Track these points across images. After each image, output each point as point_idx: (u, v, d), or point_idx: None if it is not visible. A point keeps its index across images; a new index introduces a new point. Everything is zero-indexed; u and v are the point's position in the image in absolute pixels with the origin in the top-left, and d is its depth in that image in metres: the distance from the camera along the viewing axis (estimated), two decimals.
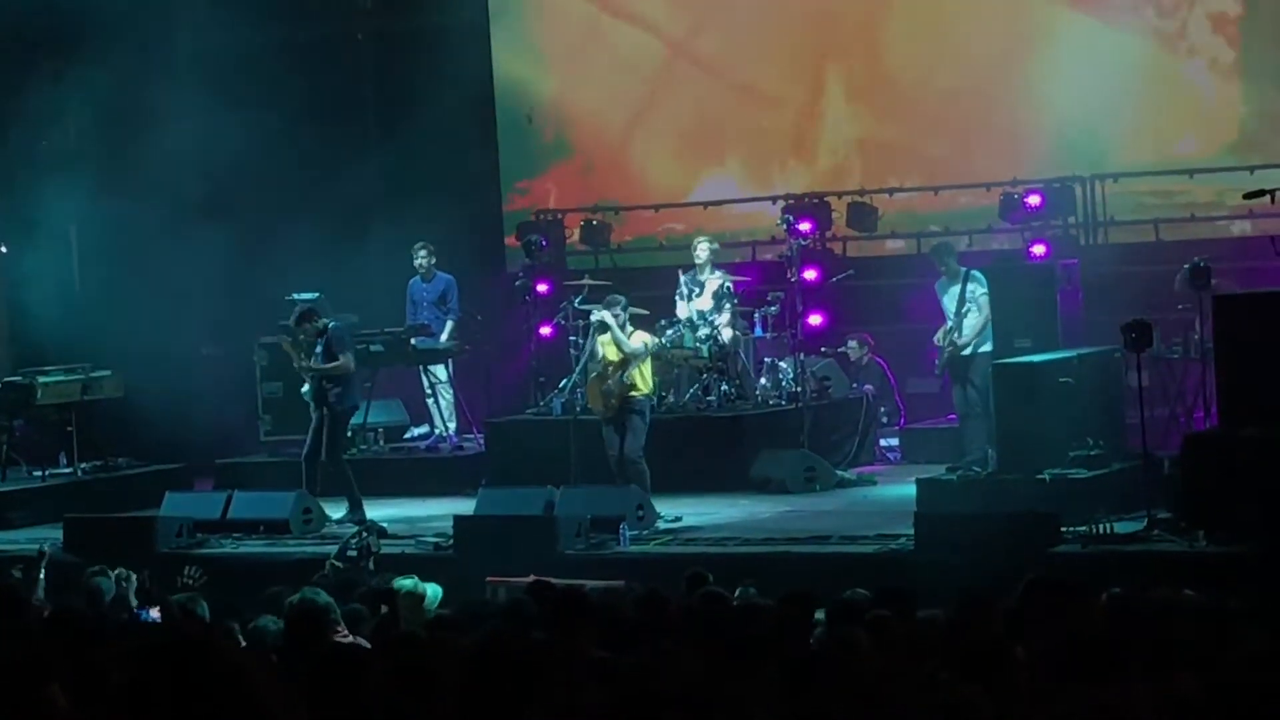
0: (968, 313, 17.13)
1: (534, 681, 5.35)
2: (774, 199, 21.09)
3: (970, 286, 17.17)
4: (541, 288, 20.02)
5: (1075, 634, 6.57)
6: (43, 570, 13.94)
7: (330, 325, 17.18)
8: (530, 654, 5.66)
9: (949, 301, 17.35)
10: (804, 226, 19.18)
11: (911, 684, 6.29)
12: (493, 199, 23.14)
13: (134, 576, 12.60)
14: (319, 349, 17.02)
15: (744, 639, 6.70)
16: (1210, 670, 5.81)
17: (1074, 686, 5.17)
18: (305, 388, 17.33)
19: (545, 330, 19.81)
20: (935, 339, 17.50)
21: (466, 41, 22.60)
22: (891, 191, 21.29)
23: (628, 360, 16.60)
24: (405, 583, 11.97)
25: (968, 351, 17.11)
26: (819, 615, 9.03)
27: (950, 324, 17.26)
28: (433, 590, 12.13)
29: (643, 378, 16.69)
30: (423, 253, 20.05)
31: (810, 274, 18.99)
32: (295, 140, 21.13)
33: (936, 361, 17.53)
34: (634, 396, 16.60)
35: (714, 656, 6.32)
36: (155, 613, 11.60)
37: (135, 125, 19.88)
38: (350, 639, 9.39)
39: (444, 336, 19.95)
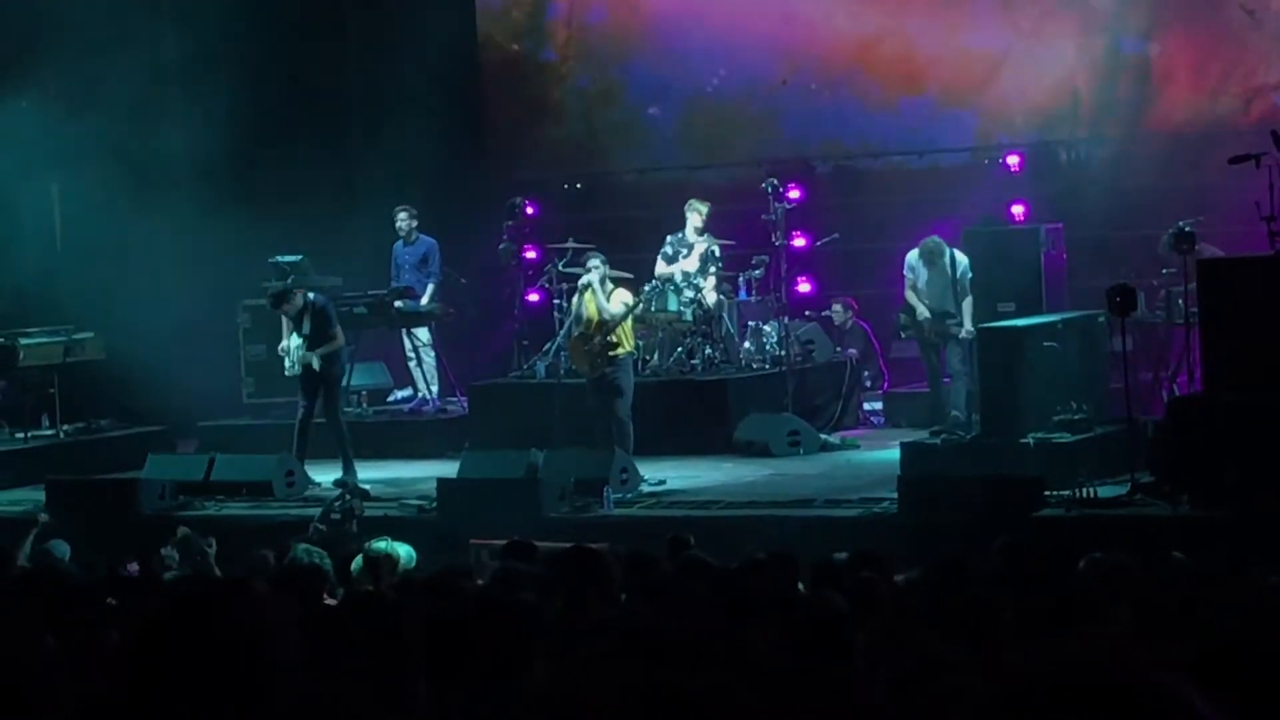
0: (963, 297, 17.08)
1: (529, 644, 5.35)
2: (759, 163, 21.06)
3: (959, 272, 17.11)
4: (527, 255, 20.06)
5: (1058, 594, 6.59)
6: (32, 536, 13.94)
7: (313, 300, 17.17)
8: (525, 616, 5.65)
9: (930, 278, 17.25)
10: (794, 194, 19.05)
11: (892, 643, 6.29)
12: (477, 160, 23.08)
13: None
14: (307, 328, 17.01)
15: (743, 595, 6.71)
16: (1194, 632, 5.81)
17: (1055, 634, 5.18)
18: (290, 366, 17.22)
19: (532, 296, 19.83)
20: (921, 312, 17.38)
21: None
22: (876, 155, 21.25)
23: (608, 321, 16.61)
24: (379, 545, 11.94)
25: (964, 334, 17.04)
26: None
27: (939, 305, 17.16)
28: (406, 552, 12.07)
29: (624, 336, 16.72)
30: (403, 215, 20.02)
31: (798, 241, 18.96)
32: (278, 102, 21.06)
33: (901, 319, 17.46)
34: (616, 356, 16.62)
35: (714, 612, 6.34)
36: (133, 567, 11.57)
37: (116, 85, 19.77)
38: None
39: (425, 299, 19.92)
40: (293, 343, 17.14)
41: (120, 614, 6.92)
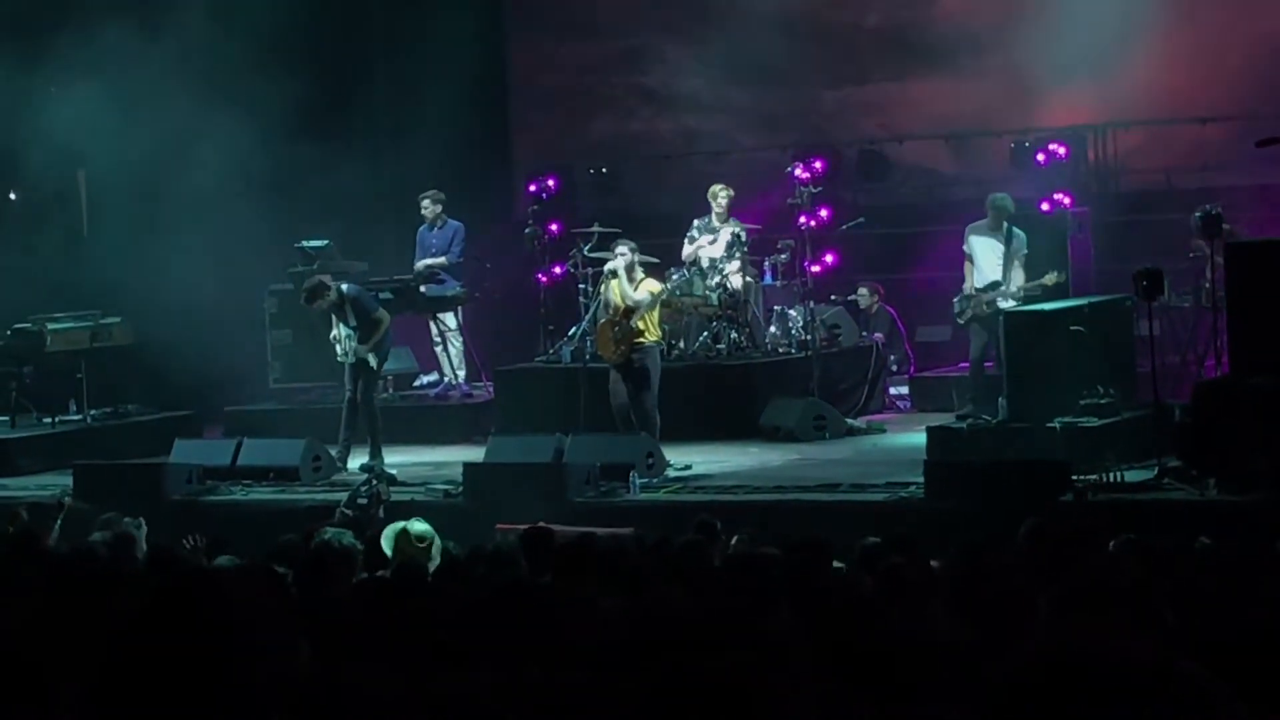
0: (1014, 268, 16.95)
1: (535, 625, 5.36)
2: (784, 147, 21.03)
3: (1015, 244, 16.99)
4: (551, 230, 20.04)
5: (1086, 579, 6.56)
6: (60, 519, 13.96)
7: (346, 291, 17.18)
8: (531, 598, 5.66)
9: (984, 250, 17.10)
10: (816, 166, 18.85)
11: (916, 629, 6.28)
12: (503, 144, 23.08)
13: (143, 523, 12.65)
14: (353, 322, 17.03)
15: (751, 583, 6.71)
16: (1224, 616, 5.80)
17: (1077, 620, 5.17)
18: (342, 354, 17.21)
19: (556, 270, 19.81)
20: (967, 289, 17.17)
21: None
22: (902, 140, 21.21)
23: (632, 308, 16.60)
24: (403, 526, 11.91)
25: (1009, 305, 16.79)
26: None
27: (990, 276, 17.02)
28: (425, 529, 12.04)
29: (650, 324, 16.70)
30: (428, 201, 20.01)
31: (822, 213, 18.81)
32: (304, 88, 21.05)
33: (957, 306, 17.27)
34: (641, 343, 16.62)
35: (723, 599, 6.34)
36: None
37: (142, 72, 19.79)
38: None
39: (420, 265, 19.86)
40: (342, 332, 17.16)
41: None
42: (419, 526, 11.66)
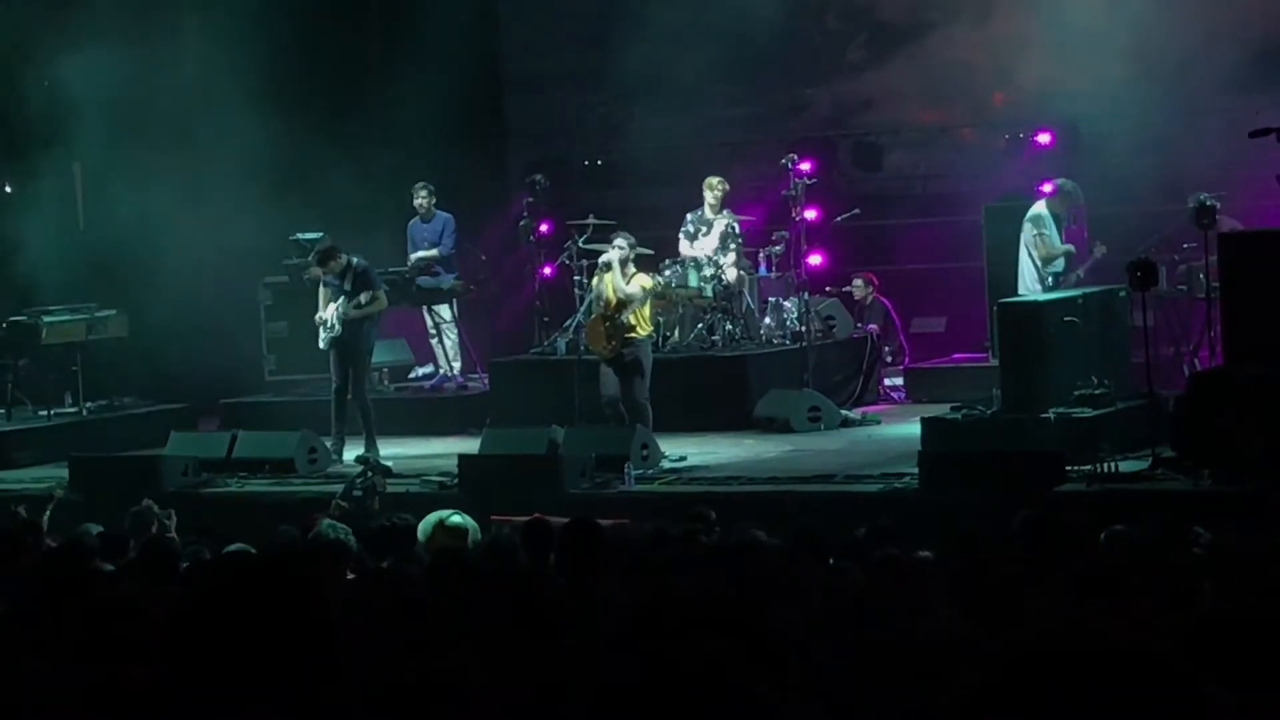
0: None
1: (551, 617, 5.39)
2: (779, 139, 21.02)
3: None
4: (544, 227, 20.03)
5: (1078, 569, 6.59)
6: (49, 512, 13.97)
7: (355, 262, 17.27)
8: (530, 588, 5.68)
9: (1060, 226, 17.06)
10: (804, 167, 18.88)
11: (906, 617, 6.30)
12: (498, 137, 23.07)
13: (173, 514, 12.68)
14: (348, 287, 17.08)
15: (750, 574, 6.74)
16: (1215, 606, 5.82)
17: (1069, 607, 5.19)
18: (326, 334, 17.22)
19: (548, 270, 19.82)
20: (1082, 272, 17.07)
21: None
22: (897, 131, 21.21)
23: (625, 302, 16.59)
24: (439, 518, 11.88)
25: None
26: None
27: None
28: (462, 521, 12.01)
29: (641, 319, 16.67)
30: (423, 193, 20.03)
31: (810, 214, 18.83)
32: (298, 79, 21.06)
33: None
34: (633, 338, 16.59)
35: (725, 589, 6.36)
36: None
37: (138, 61, 19.79)
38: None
39: (414, 258, 19.89)
40: (330, 311, 17.18)
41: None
42: (456, 519, 11.64)
